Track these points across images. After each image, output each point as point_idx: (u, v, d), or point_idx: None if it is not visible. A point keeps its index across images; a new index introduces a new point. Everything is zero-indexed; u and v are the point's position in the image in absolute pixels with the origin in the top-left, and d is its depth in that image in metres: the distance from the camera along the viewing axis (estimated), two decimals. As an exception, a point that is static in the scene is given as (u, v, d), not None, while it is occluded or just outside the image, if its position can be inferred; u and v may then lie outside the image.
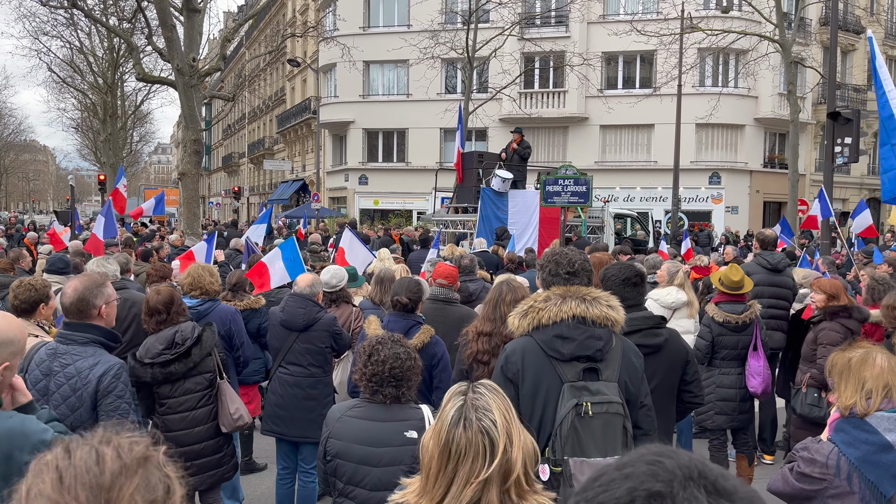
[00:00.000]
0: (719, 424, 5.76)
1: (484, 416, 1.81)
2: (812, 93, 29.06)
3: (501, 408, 1.85)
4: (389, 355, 2.97)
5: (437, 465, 1.80)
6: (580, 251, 3.16)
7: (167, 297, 4.31)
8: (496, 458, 1.76)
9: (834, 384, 2.72)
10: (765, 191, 30.64)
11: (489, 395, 1.87)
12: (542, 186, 11.83)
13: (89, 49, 36.35)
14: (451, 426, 1.80)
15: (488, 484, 1.76)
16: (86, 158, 59.16)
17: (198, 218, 17.65)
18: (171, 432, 4.16)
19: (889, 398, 2.54)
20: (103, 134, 37.86)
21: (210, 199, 66.04)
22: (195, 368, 4.22)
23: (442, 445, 1.80)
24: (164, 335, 4.20)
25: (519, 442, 1.81)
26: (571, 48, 28.46)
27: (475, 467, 1.76)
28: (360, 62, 30.18)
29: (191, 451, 4.19)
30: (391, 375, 2.95)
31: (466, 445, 1.77)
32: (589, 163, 29.26)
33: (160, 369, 4.13)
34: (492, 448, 1.77)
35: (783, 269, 6.94)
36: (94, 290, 3.31)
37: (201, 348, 4.22)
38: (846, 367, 2.67)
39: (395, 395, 2.97)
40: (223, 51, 19.30)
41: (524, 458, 1.80)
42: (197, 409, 4.25)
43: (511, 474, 1.77)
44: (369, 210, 33.50)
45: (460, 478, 1.77)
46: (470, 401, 1.84)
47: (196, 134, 16.57)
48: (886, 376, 2.58)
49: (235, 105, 53.46)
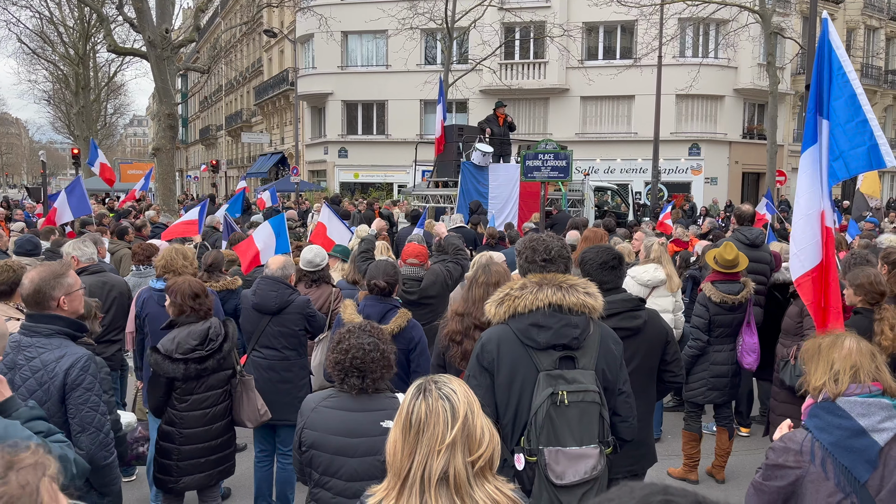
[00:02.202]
0: (712, 400, 5.81)
1: (444, 386, 1.81)
2: (791, 63, 29.06)
3: (463, 386, 1.85)
4: (353, 345, 2.91)
5: (401, 440, 1.78)
6: (558, 237, 3.11)
7: (202, 284, 4.27)
8: (458, 422, 1.74)
9: (806, 370, 2.72)
10: (744, 162, 30.80)
11: (448, 377, 1.88)
12: (521, 161, 11.75)
13: (59, 19, 35.48)
14: (410, 401, 1.81)
15: (454, 451, 1.73)
16: (59, 131, 57.93)
17: (174, 194, 17.37)
18: (189, 429, 4.10)
19: (858, 380, 2.54)
20: (76, 106, 37.09)
21: (188, 173, 65.15)
22: (223, 363, 4.15)
23: (403, 420, 1.79)
24: (196, 330, 4.06)
25: (481, 416, 1.80)
26: (552, 18, 28.20)
27: (437, 431, 1.74)
28: (338, 33, 29.70)
29: (207, 448, 4.15)
30: (353, 366, 2.90)
31: (427, 412, 1.76)
32: (570, 134, 29.19)
33: (196, 365, 4.01)
34: (453, 412, 1.76)
35: (760, 245, 6.97)
36: (51, 281, 3.18)
37: (230, 343, 4.14)
38: (816, 351, 2.69)
39: (360, 385, 2.91)
40: (197, 21, 18.84)
41: (488, 435, 1.78)
42: (217, 406, 4.18)
43: (475, 445, 1.75)
44: (349, 183, 33.24)
45: (423, 445, 1.75)
46: (430, 379, 1.85)
47: (170, 108, 16.24)
48: (854, 357, 2.58)
49: (212, 77, 52.55)
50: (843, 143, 4.02)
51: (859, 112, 3.99)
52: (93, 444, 3.13)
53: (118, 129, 78.31)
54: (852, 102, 4.02)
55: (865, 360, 2.58)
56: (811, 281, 4.11)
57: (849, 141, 4.00)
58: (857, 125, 3.99)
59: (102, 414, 3.19)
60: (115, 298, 5.74)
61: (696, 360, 5.78)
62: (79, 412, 3.11)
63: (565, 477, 2.71)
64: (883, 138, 3.97)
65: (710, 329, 5.71)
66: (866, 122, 3.98)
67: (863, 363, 2.57)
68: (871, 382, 2.54)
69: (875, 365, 2.59)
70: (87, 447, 3.12)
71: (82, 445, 3.12)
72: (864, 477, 2.44)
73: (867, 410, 2.49)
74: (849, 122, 4.00)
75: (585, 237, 7.16)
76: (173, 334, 4.09)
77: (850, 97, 4.03)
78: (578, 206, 15.77)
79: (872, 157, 3.96)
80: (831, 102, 4.07)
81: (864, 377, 2.54)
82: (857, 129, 3.99)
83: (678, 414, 6.64)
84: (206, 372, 4.07)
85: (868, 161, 3.98)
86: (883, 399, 2.51)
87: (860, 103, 4.01)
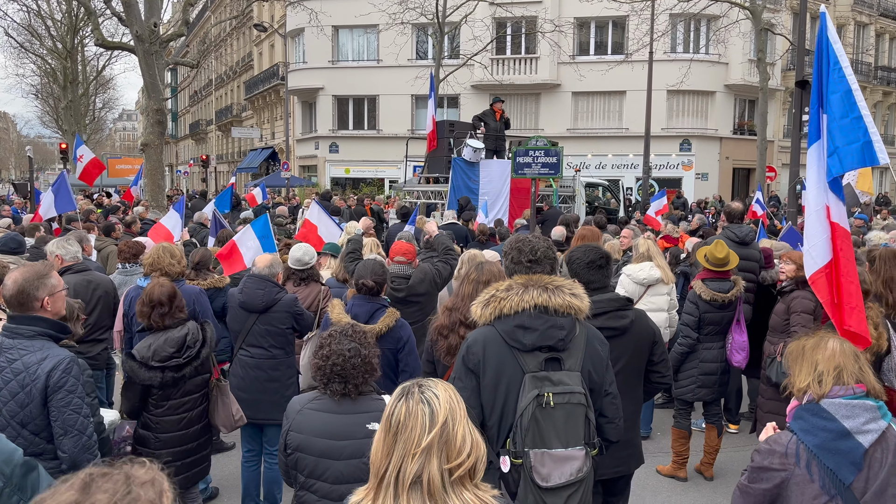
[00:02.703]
0: (701, 397, 5.82)
1: (427, 390, 1.80)
2: (781, 59, 29.15)
3: (448, 389, 1.83)
4: (334, 351, 2.90)
5: (381, 441, 1.78)
6: (544, 238, 3.09)
7: (171, 290, 4.13)
8: (436, 427, 1.73)
9: (790, 371, 2.72)
10: (734, 157, 30.89)
11: (435, 381, 1.86)
12: (512, 157, 11.73)
13: (47, 13, 35.19)
14: (393, 403, 1.80)
15: (429, 455, 1.72)
16: (47, 126, 57.49)
17: (162, 189, 17.24)
18: (166, 433, 4.05)
19: (841, 382, 2.54)
20: (64, 101, 36.81)
21: (178, 168, 64.77)
22: (201, 369, 4.10)
23: (384, 421, 1.79)
24: (173, 337, 3.99)
25: (463, 424, 1.78)
26: (543, 14, 28.16)
27: (414, 435, 1.73)
28: (329, 27, 29.56)
29: (184, 451, 4.09)
30: (334, 372, 2.90)
31: (406, 415, 1.75)
32: (561, 130, 29.20)
33: (172, 373, 3.94)
34: (431, 416, 1.74)
35: (750, 242, 7.00)
36: (35, 281, 3.15)
37: (208, 348, 4.08)
38: (800, 352, 2.68)
39: (342, 391, 2.91)
40: (186, 15, 18.68)
41: (470, 443, 1.76)
42: (194, 410, 4.14)
43: (454, 453, 1.73)
44: (340, 178, 33.13)
45: (399, 447, 1.74)
46: (416, 382, 1.84)
47: (158, 103, 16.10)
48: (838, 358, 2.57)
49: (201, 71, 52.23)
50: (839, 138, 4.00)
51: (854, 108, 3.99)
52: (75, 447, 3.10)
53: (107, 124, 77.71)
54: (847, 98, 4.01)
55: (849, 362, 2.58)
56: (825, 278, 4.06)
57: (844, 136, 3.99)
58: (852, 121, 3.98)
59: (85, 416, 3.16)
60: (100, 297, 5.68)
61: (686, 358, 5.79)
62: (61, 415, 3.08)
63: (551, 479, 2.70)
64: (877, 135, 3.96)
65: (700, 327, 5.72)
66: (861, 119, 3.97)
67: (846, 364, 2.56)
68: (854, 384, 2.54)
69: (858, 366, 2.58)
70: (69, 450, 3.09)
71: (65, 448, 3.09)
72: (849, 479, 2.44)
73: (851, 412, 2.48)
74: (843, 117, 4.00)
75: (581, 235, 7.13)
76: (149, 341, 4.01)
77: (846, 92, 4.02)
78: (569, 201, 15.77)
79: (866, 154, 3.95)
80: (828, 97, 4.06)
81: (847, 378, 2.54)
82: (851, 125, 3.98)
83: (668, 411, 6.66)
84: (184, 380, 4.01)
85: (861, 157, 3.97)
86: (867, 401, 2.51)
87: (855, 99, 4.00)
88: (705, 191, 28.45)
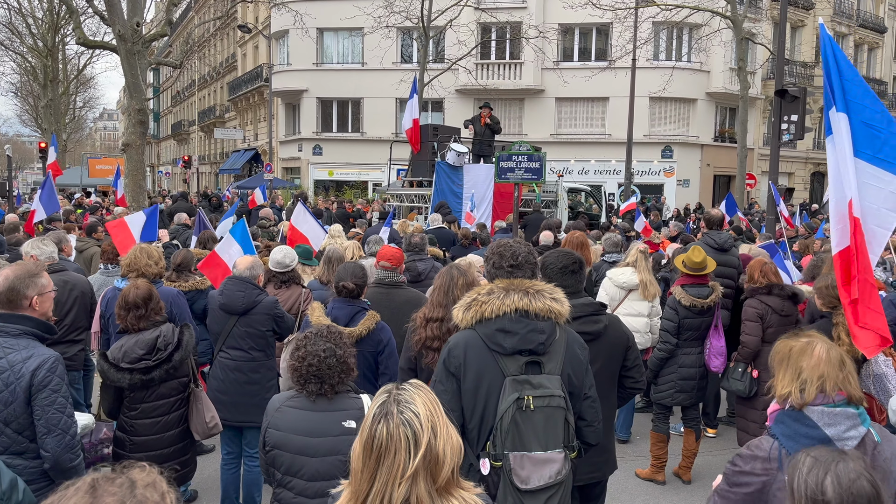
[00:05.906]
0: (680, 402, 5.88)
1: (406, 408, 1.76)
2: (762, 68, 29.50)
3: (426, 401, 1.80)
4: (309, 352, 2.93)
5: (361, 461, 1.75)
6: (525, 243, 3.11)
7: (146, 292, 4.06)
8: (420, 451, 1.71)
9: (774, 372, 2.70)
10: (715, 164, 31.22)
11: (413, 390, 1.83)
12: (496, 162, 11.77)
13: (28, 10, 34.74)
14: (372, 422, 1.76)
15: (416, 479, 1.71)
16: (26, 124, 56.74)
17: (143, 190, 17.09)
18: (140, 437, 3.99)
19: (823, 391, 2.53)
20: (44, 99, 36.36)
21: (160, 168, 64.19)
22: (174, 373, 4.02)
23: (364, 441, 1.76)
24: (144, 339, 3.94)
25: (444, 435, 1.76)
26: (528, 19, 28.31)
27: (398, 461, 1.70)
28: (314, 29, 29.47)
29: (160, 455, 3.99)
30: (310, 373, 2.92)
31: (388, 438, 1.72)
32: (544, 135, 29.33)
33: (140, 375, 3.87)
34: (415, 440, 1.72)
35: (729, 249, 7.07)
36: (26, 279, 3.14)
37: (182, 352, 4.00)
38: (786, 355, 2.64)
39: (318, 391, 2.94)
40: (169, 15, 18.54)
41: (451, 452, 1.76)
42: (170, 414, 4.05)
43: (440, 470, 1.73)
44: (324, 181, 33.03)
45: (383, 472, 1.71)
46: (393, 396, 1.80)
47: (140, 103, 15.95)
48: (823, 367, 2.54)
49: (185, 72, 51.85)
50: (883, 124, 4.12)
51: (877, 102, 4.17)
52: (59, 447, 3.09)
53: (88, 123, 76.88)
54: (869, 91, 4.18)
55: (833, 371, 2.54)
56: (840, 259, 4.13)
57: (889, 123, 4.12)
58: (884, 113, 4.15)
59: (69, 416, 3.15)
60: (76, 298, 5.63)
61: (665, 363, 5.84)
62: (45, 414, 3.07)
63: (530, 482, 2.72)
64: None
65: (679, 332, 5.77)
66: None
67: (830, 374, 2.53)
68: (836, 394, 2.54)
69: (843, 375, 2.55)
70: (52, 449, 3.08)
71: (48, 448, 3.07)
72: (831, 486, 2.45)
73: (833, 420, 2.48)
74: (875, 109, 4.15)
75: (568, 241, 7.18)
76: (122, 342, 3.97)
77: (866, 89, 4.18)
78: (552, 206, 15.84)
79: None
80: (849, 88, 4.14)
81: (830, 389, 2.51)
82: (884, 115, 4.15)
83: (647, 415, 6.71)
84: (153, 382, 3.93)
85: None
86: (848, 408, 2.50)
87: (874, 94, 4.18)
88: (686, 197, 28.71)
